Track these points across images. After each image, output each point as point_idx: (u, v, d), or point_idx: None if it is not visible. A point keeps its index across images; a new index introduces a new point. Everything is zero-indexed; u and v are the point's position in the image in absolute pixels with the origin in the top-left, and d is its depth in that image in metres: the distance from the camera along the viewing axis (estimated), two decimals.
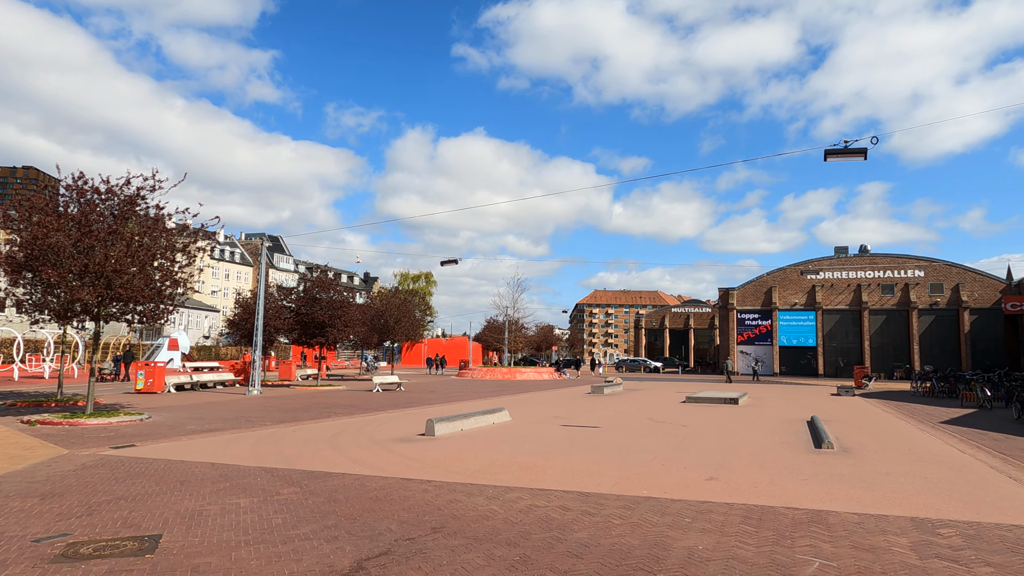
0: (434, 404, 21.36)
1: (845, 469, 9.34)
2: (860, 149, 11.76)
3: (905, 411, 20.30)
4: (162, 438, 12.39)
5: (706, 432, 13.80)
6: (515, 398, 24.39)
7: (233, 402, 21.22)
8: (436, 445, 11.47)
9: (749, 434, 13.53)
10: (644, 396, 26.21)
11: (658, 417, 17.17)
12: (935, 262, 54.77)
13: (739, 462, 9.85)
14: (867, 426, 15.61)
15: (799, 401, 24.43)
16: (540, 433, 13.33)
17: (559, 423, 15.47)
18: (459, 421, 13.89)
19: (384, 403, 21.50)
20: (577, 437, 12.72)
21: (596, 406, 20.74)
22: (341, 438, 12.38)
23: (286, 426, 14.52)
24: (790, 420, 16.73)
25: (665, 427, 14.73)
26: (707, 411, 19.14)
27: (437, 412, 18.06)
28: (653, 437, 12.84)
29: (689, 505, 7.04)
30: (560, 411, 18.75)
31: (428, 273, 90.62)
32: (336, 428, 14.19)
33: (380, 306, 39.11)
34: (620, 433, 13.44)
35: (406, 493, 7.54)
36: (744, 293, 59.38)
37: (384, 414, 17.75)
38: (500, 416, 15.72)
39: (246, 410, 18.37)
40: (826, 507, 6.98)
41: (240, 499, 7.17)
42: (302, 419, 16.14)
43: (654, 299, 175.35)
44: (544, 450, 10.96)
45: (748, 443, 12.07)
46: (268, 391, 27.29)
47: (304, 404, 20.68)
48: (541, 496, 7.44)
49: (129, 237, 14.95)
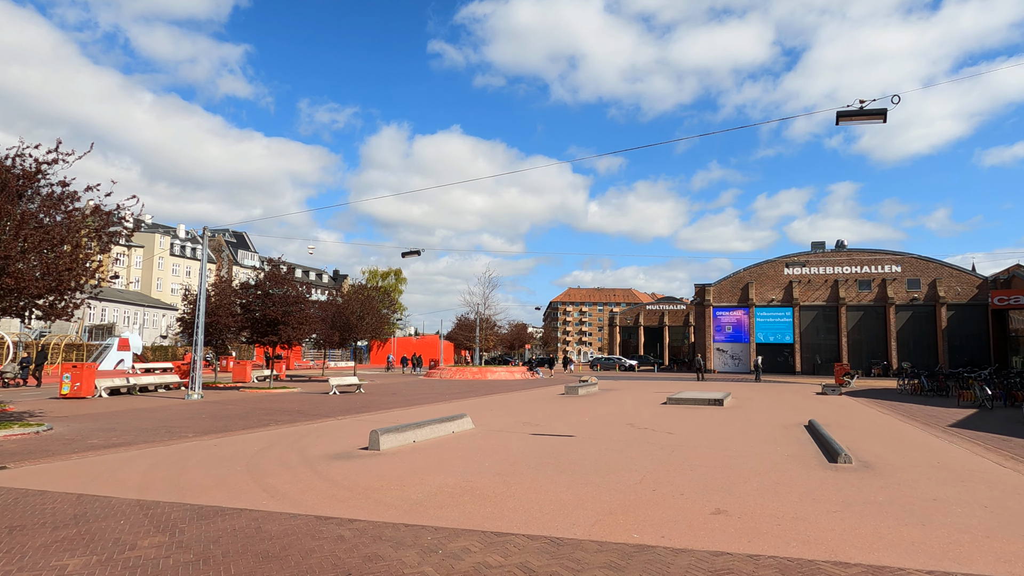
0: (393, 409, 19.31)
1: (878, 493, 7.55)
2: (878, 111, 10.02)
3: (903, 412, 18.79)
4: (47, 457, 10.19)
5: (696, 441, 11.98)
6: (483, 400, 22.43)
7: (164, 408, 18.91)
8: (378, 463, 9.46)
9: (745, 443, 11.74)
10: (621, 397, 24.43)
11: (639, 422, 15.34)
12: (912, 257, 54.07)
13: (746, 485, 8.01)
14: (873, 432, 13.96)
15: (786, 401, 22.86)
16: (505, 445, 11.38)
17: (528, 430, 13.54)
18: (411, 431, 11.87)
19: (337, 408, 19.37)
20: (548, 450, 10.80)
21: (570, 409, 18.87)
22: (266, 456, 10.29)
23: (210, 439, 12.37)
24: (785, 425, 15.02)
25: (649, 435, 12.89)
26: (691, 414, 17.39)
27: (393, 419, 16.02)
28: (637, 449, 10.97)
29: (700, 560, 5.14)
30: (530, 415, 16.84)
31: (397, 270, 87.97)
32: (267, 441, 12.08)
33: (341, 303, 36.76)
34: (598, 444, 11.55)
35: (313, 544, 5.52)
36: (720, 289, 58.14)
37: (332, 422, 15.66)
38: (461, 423, 13.74)
39: (173, 418, 16.13)
40: (886, 560, 5.13)
41: (72, 559, 5.09)
42: (233, 429, 13.99)
43: (628, 297, 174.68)
44: (508, 469, 9.01)
45: (748, 456, 10.26)
46: (214, 395, 24.93)
47: (245, 410, 18.46)
48: (497, 546, 5.48)
49: (20, 218, 12.63)
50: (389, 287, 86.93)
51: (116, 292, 69.05)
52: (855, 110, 10.19)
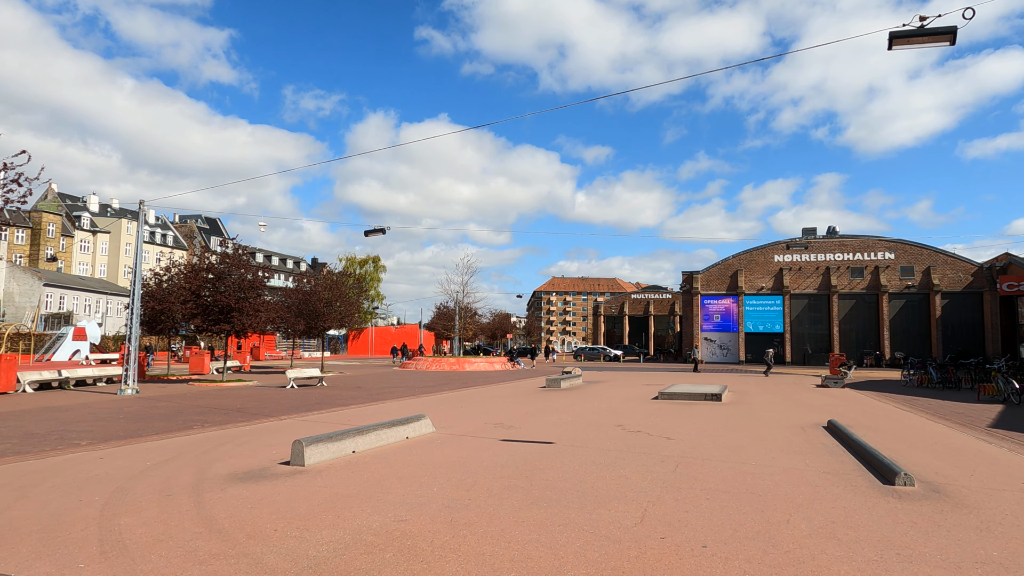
0: (351, 406, 16.93)
1: (983, 542, 5.32)
2: (945, 30, 7.75)
3: (923, 408, 16.74)
4: None
5: (703, 450, 9.75)
6: (455, 395, 20.10)
7: (83, 407, 16.39)
8: (291, 489, 7.11)
9: (764, 452, 9.53)
10: (608, 391, 22.22)
11: (630, 422, 13.10)
12: (906, 244, 52.38)
13: (789, 526, 5.76)
14: (907, 435, 11.83)
15: (787, 395, 20.77)
16: (466, 457, 9.07)
17: (499, 434, 11.25)
18: (351, 440, 9.51)
19: (286, 405, 16.96)
20: (519, 464, 8.51)
21: (551, 406, 16.61)
22: (151, 476, 7.89)
23: (102, 448, 9.94)
24: (800, 426, 12.86)
25: (643, 441, 10.65)
26: (688, 412, 15.20)
27: (346, 419, 13.65)
28: (631, 462, 8.72)
29: None
30: (505, 414, 14.55)
31: (376, 257, 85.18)
32: (173, 451, 9.68)
33: (308, 289, 34.12)
34: (582, 454, 9.28)
35: None
36: (709, 277, 56.18)
37: (271, 423, 13.27)
38: (419, 427, 11.40)
39: (82, 419, 13.64)
40: None
41: None
42: (143, 434, 11.57)
43: (612, 287, 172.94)
44: (461, 498, 6.71)
45: (775, 473, 8.04)
46: (156, 389, 22.39)
47: (176, 408, 16.00)
48: None
49: None
50: (367, 275, 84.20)
51: (76, 279, 65.73)
52: (913, 30, 7.90)
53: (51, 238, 75.52)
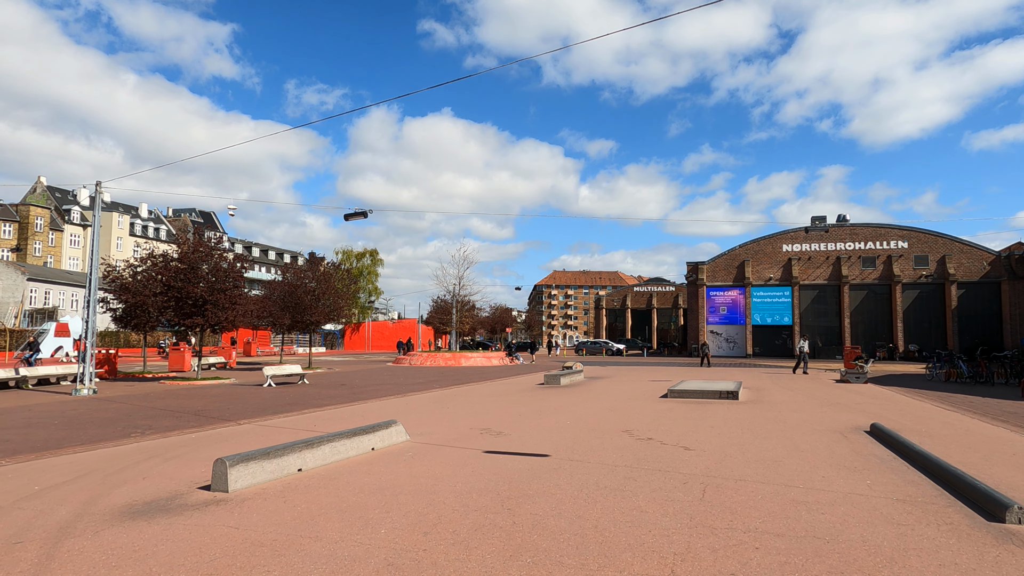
0: (328, 407, 15.10)
1: None
2: None
3: (969, 407, 14.89)
4: None
5: (732, 467, 7.89)
6: (444, 394, 18.27)
7: (23, 410, 14.61)
8: (188, 532, 5.26)
9: (811, 471, 7.67)
10: (611, 388, 20.37)
11: (639, 427, 11.26)
12: (920, 232, 50.39)
13: None
14: (975, 445, 9.97)
15: (810, 392, 18.91)
16: (436, 479, 7.22)
17: (484, 444, 9.41)
18: (295, 455, 7.67)
19: (253, 407, 15.15)
20: (502, 490, 6.67)
21: (548, 406, 14.77)
22: (22, 508, 6.06)
23: (3, 465, 8.13)
24: (839, 431, 11.00)
25: (656, 452, 8.80)
26: (703, 413, 13.34)
27: (315, 424, 11.81)
28: (644, 486, 6.87)
29: None
30: (495, 417, 12.71)
31: (374, 251, 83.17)
32: (81, 469, 7.86)
33: (293, 281, 32.27)
34: (583, 476, 7.43)
35: None
36: (715, 268, 54.26)
37: (223, 429, 11.44)
38: (388, 435, 9.56)
39: (7, 426, 11.84)
40: None
41: None
42: (66, 445, 9.77)
43: (614, 280, 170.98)
44: (415, 548, 4.86)
45: (834, 503, 6.19)
46: (117, 388, 20.62)
47: (125, 412, 14.20)
48: None
49: None
50: (364, 268, 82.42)
51: (63, 273, 63.96)
52: None
53: (39, 232, 73.80)
